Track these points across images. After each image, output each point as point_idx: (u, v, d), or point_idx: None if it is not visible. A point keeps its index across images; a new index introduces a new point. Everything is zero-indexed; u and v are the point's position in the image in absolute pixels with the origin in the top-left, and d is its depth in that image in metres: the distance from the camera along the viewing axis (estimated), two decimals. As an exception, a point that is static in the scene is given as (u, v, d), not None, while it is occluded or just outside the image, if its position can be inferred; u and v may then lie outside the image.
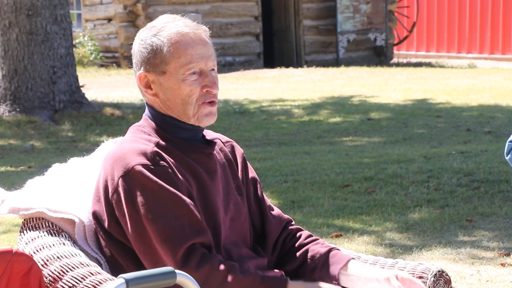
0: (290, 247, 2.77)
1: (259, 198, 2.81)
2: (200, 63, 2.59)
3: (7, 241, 6.06)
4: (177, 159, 2.60)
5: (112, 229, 2.58)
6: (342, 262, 2.65)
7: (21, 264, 2.41)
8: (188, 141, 2.65)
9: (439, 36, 24.87)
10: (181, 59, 2.58)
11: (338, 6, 21.75)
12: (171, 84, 2.59)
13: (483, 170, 7.71)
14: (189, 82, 2.59)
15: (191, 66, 2.58)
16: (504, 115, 12.26)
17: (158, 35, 2.59)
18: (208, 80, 2.61)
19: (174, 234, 2.48)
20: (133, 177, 2.51)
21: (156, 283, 2.05)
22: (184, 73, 2.58)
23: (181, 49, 2.58)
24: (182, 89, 2.59)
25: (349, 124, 12.06)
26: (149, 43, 2.59)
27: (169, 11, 20.01)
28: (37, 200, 2.71)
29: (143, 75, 2.62)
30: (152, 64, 2.60)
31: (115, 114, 12.61)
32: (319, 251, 2.71)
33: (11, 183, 7.59)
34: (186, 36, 2.59)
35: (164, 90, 2.61)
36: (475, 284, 5.03)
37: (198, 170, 2.62)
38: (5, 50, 12.20)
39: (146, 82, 2.63)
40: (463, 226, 6.34)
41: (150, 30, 2.62)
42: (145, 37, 2.61)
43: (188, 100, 2.59)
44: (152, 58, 2.59)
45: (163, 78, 2.60)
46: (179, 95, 2.59)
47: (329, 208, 6.85)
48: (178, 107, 2.61)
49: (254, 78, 18.46)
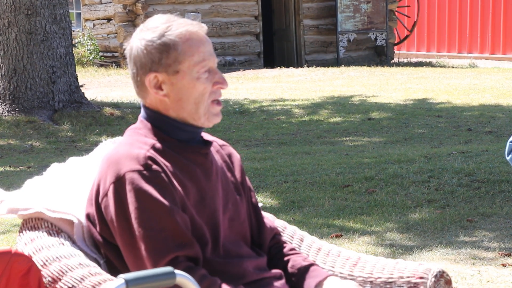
0: (274, 255, 2.81)
1: (254, 205, 2.82)
2: (210, 60, 2.60)
3: (6, 242, 6.05)
4: (173, 160, 2.58)
5: (104, 232, 2.58)
6: (320, 277, 2.70)
7: (20, 265, 2.41)
8: (185, 142, 2.63)
9: (439, 36, 24.87)
10: (195, 57, 2.57)
11: (338, 6, 21.75)
12: (185, 83, 2.57)
13: (484, 170, 7.70)
14: (202, 80, 2.58)
15: (204, 63, 2.58)
16: (505, 115, 12.25)
17: (167, 34, 2.56)
18: (219, 77, 2.61)
19: (158, 245, 2.48)
20: (124, 184, 2.50)
21: (156, 283, 2.04)
22: (199, 71, 2.57)
23: (194, 47, 2.57)
24: (197, 87, 2.57)
25: (349, 124, 12.05)
26: (160, 42, 2.56)
27: (169, 10, 20.02)
28: (36, 200, 2.70)
29: (153, 76, 2.58)
30: (163, 64, 2.56)
31: (114, 114, 12.61)
32: (300, 263, 2.76)
33: (10, 183, 7.58)
34: (195, 34, 2.59)
35: (176, 90, 2.58)
36: (476, 285, 5.02)
37: (195, 170, 2.61)
38: (4, 50, 12.19)
39: (156, 83, 2.59)
40: (464, 226, 6.34)
41: (155, 30, 2.58)
42: (152, 37, 2.56)
43: (201, 98, 2.58)
44: (164, 58, 2.56)
45: (176, 78, 2.57)
46: (193, 94, 2.58)
47: (330, 208, 6.84)
48: (190, 107, 2.59)
49: (254, 78, 18.46)
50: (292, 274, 2.75)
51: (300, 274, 2.73)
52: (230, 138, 11.16)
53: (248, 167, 8.18)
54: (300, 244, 2.98)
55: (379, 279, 2.80)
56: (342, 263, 2.89)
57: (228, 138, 11.13)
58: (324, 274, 2.72)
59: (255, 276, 2.66)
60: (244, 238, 2.73)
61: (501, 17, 23.38)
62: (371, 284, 2.81)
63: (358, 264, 2.86)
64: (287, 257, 2.79)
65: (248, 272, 2.64)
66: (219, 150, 2.78)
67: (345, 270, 2.87)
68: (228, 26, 21.35)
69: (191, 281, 2.11)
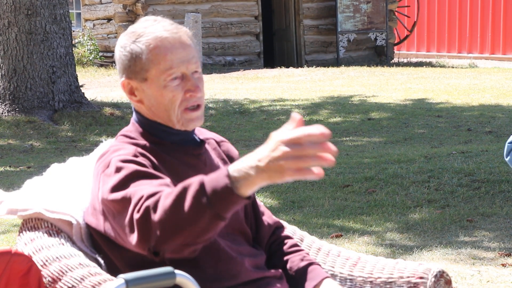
0: (274, 253, 2.80)
1: (252, 202, 2.80)
2: (181, 67, 2.54)
3: (6, 242, 6.05)
4: (164, 161, 2.57)
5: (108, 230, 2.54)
6: (317, 280, 2.70)
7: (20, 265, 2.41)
8: (176, 144, 2.63)
9: (439, 36, 24.87)
10: (161, 65, 2.53)
11: (338, 6, 21.75)
12: (153, 91, 2.55)
13: (484, 170, 7.71)
14: (171, 88, 2.54)
15: (172, 71, 2.53)
16: (505, 115, 12.25)
17: (136, 41, 2.54)
18: (191, 84, 2.55)
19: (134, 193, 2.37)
20: (111, 166, 2.47)
21: (156, 283, 2.05)
22: (165, 79, 2.53)
23: (161, 55, 2.53)
24: (165, 95, 2.54)
25: (349, 124, 12.05)
26: (129, 50, 2.55)
27: (169, 10, 20.02)
28: (35, 201, 2.70)
29: (126, 82, 2.59)
30: (133, 71, 2.56)
31: (114, 114, 12.61)
32: (297, 265, 2.75)
33: (10, 183, 7.58)
34: (165, 41, 2.54)
35: (147, 97, 2.57)
36: (475, 285, 5.02)
37: (187, 172, 2.58)
38: (4, 50, 12.19)
39: (130, 89, 2.60)
40: (464, 226, 6.34)
41: (130, 36, 2.56)
42: (124, 44, 2.56)
43: (171, 106, 2.55)
44: (132, 65, 2.55)
45: (145, 85, 2.56)
46: (162, 102, 2.55)
47: (329, 208, 6.84)
48: (162, 113, 2.57)
49: (254, 78, 18.45)
50: (290, 276, 2.75)
51: (297, 277, 2.74)
52: (230, 138, 11.16)
53: (248, 167, 8.17)
54: (300, 244, 2.98)
55: (379, 279, 2.80)
56: (342, 263, 2.89)
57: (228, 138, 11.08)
58: (320, 276, 2.71)
59: (254, 274, 2.65)
60: (245, 235, 2.72)
61: (501, 17, 23.38)
62: (371, 284, 2.81)
63: (358, 264, 2.86)
64: (286, 256, 2.78)
65: (246, 270, 2.64)
66: (216, 148, 2.77)
67: (345, 270, 2.87)
68: (228, 26, 21.35)
69: (191, 281, 2.11)
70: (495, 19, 23.49)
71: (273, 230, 2.83)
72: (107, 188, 2.45)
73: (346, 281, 2.86)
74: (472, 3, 23.93)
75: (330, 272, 2.88)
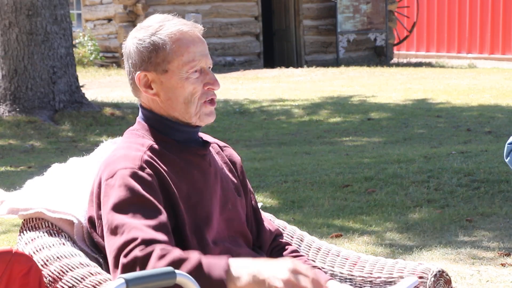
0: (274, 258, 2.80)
1: (254, 208, 2.82)
2: (202, 61, 2.59)
3: (6, 241, 6.06)
4: (170, 162, 2.58)
5: None
6: None
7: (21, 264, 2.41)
8: (183, 143, 2.64)
9: (439, 36, 24.86)
10: (184, 57, 2.56)
11: (338, 6, 21.76)
12: (174, 82, 2.58)
13: (483, 170, 7.71)
14: (192, 80, 2.58)
15: (194, 64, 2.57)
16: (504, 115, 12.26)
17: (157, 34, 2.57)
18: (210, 78, 2.60)
19: (129, 227, 2.40)
20: (115, 179, 2.48)
21: (156, 283, 2.04)
22: (188, 71, 2.57)
23: (184, 46, 2.57)
24: (186, 87, 2.57)
25: (349, 124, 12.05)
26: (150, 41, 2.57)
27: (169, 11, 20.02)
28: (36, 201, 2.70)
29: (143, 74, 2.59)
30: (153, 63, 2.57)
31: (115, 114, 12.62)
32: None
33: (11, 183, 7.59)
34: (187, 34, 2.58)
35: (165, 89, 2.59)
36: (475, 284, 5.03)
37: (192, 172, 2.60)
38: (5, 50, 12.20)
39: (146, 81, 2.60)
40: (463, 226, 6.34)
41: (147, 29, 2.59)
42: (143, 37, 2.58)
43: (191, 98, 2.58)
44: (154, 57, 2.57)
45: (165, 77, 2.58)
46: (182, 94, 2.58)
47: (329, 208, 6.85)
48: (180, 106, 2.59)
49: (254, 78, 18.46)
50: None
51: None
52: (230, 138, 11.16)
53: (248, 167, 8.19)
54: (300, 244, 2.99)
55: (378, 279, 2.80)
56: (341, 262, 2.89)
57: (228, 138, 11.14)
58: (324, 279, 2.70)
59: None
60: (245, 237, 2.73)
61: (500, 17, 23.38)
62: (371, 283, 2.81)
63: (358, 263, 2.87)
64: None
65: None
66: (220, 152, 2.79)
67: (345, 270, 2.87)
68: (228, 26, 21.36)
69: (191, 281, 2.12)
70: (494, 19, 23.48)
71: (274, 237, 2.85)
72: (107, 203, 2.48)
73: (345, 280, 2.86)
74: (472, 4, 23.93)
75: (330, 272, 2.89)
